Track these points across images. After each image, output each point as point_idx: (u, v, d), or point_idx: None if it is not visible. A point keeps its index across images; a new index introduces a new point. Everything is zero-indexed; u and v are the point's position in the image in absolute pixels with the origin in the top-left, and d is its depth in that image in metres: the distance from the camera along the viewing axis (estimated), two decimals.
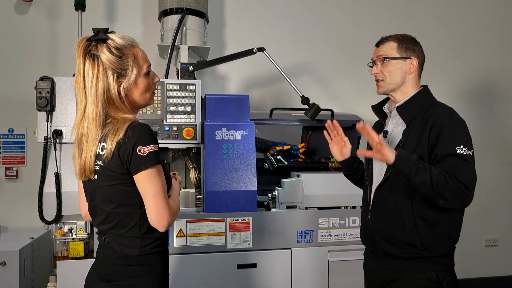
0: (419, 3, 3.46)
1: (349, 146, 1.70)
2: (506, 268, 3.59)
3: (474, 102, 3.49)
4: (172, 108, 2.10)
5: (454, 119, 1.45)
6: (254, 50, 2.27)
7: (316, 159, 2.81)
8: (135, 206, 1.20)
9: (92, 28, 1.21)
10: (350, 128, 2.62)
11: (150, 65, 1.29)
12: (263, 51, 2.28)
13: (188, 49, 2.59)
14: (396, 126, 1.59)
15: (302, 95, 2.30)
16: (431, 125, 1.45)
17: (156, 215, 1.16)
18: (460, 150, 1.38)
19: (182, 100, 2.11)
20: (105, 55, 1.17)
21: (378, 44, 1.62)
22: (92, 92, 1.17)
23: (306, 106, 2.36)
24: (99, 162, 1.20)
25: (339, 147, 1.70)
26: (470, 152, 1.40)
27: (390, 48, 1.57)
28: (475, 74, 3.56)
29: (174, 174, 1.47)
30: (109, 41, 1.19)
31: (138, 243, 1.22)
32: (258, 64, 3.04)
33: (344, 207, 2.31)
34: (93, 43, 1.18)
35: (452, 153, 1.38)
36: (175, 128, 2.09)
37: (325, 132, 1.73)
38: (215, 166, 2.02)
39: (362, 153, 1.43)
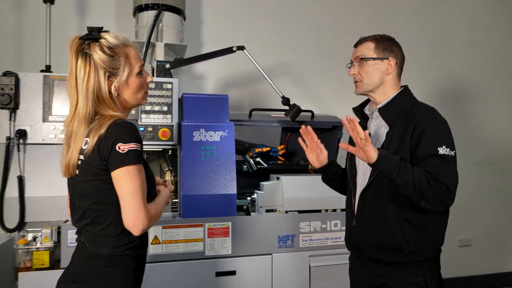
0: (398, 4, 3.47)
1: (325, 152, 1.66)
2: (479, 267, 3.65)
3: (447, 104, 3.54)
4: (148, 108, 1.99)
5: (435, 119, 1.43)
6: (233, 49, 2.19)
7: (296, 161, 2.76)
8: (111, 205, 1.16)
9: (87, 27, 1.22)
10: (330, 130, 2.59)
11: (143, 64, 1.29)
12: (243, 50, 2.21)
13: (164, 46, 2.48)
14: (378, 128, 1.56)
15: (283, 96, 2.24)
16: (413, 126, 1.42)
17: (130, 216, 1.11)
18: (442, 150, 1.36)
19: (158, 99, 2.01)
20: (97, 54, 1.17)
21: (356, 45, 1.59)
22: (83, 90, 1.17)
23: (285, 107, 2.30)
24: (81, 157, 1.18)
25: (315, 154, 1.65)
26: (452, 153, 1.38)
27: (368, 49, 1.54)
28: (450, 76, 3.61)
29: (165, 181, 1.42)
30: (102, 40, 1.19)
31: (111, 243, 1.17)
32: (237, 64, 2.97)
33: (325, 210, 2.27)
34: (86, 41, 1.19)
35: (434, 154, 1.36)
36: (150, 129, 1.98)
37: (300, 139, 1.69)
38: (193, 169, 1.92)
39: (344, 146, 1.39)
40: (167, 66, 2.13)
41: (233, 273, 1.96)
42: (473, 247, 3.65)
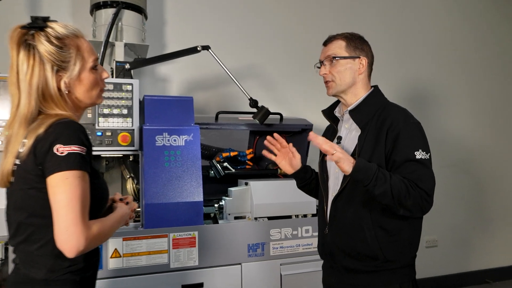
0: (364, 8, 3.48)
1: (298, 156, 1.60)
2: (446, 268, 3.70)
3: (412, 107, 3.55)
4: (106, 111, 1.85)
5: (409, 121, 1.38)
6: (198, 48, 2.09)
7: (265, 166, 2.68)
8: (49, 218, 0.96)
9: (30, 16, 1.06)
10: (299, 133, 2.53)
11: (97, 58, 1.14)
12: (208, 50, 2.11)
13: (124, 46, 2.34)
14: (349, 131, 1.50)
15: (250, 98, 2.16)
16: (386, 128, 1.37)
17: (63, 232, 0.92)
18: (419, 154, 1.32)
19: (117, 101, 1.87)
20: (43, 46, 1.02)
21: (325, 43, 1.53)
22: (26, 87, 1.02)
23: (253, 110, 2.22)
24: (17, 161, 1.02)
25: (288, 160, 1.58)
26: (428, 156, 1.35)
27: (339, 47, 1.48)
28: (414, 79, 3.66)
29: (125, 198, 1.25)
30: (48, 30, 1.04)
31: (49, 265, 1.00)
32: (202, 66, 2.87)
33: (296, 216, 2.20)
34: (30, 31, 1.03)
35: (411, 159, 1.31)
36: (108, 133, 1.84)
37: (265, 152, 1.59)
38: (156, 176, 1.80)
39: (312, 137, 1.27)
40: (127, 66, 2.00)
41: (200, 285, 1.84)
42: (439, 248, 3.70)
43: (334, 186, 1.48)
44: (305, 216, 2.20)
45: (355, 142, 1.42)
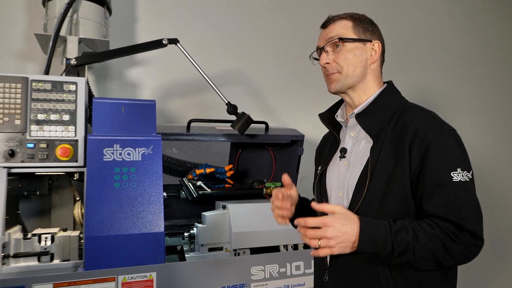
0: (364, 8, 3.14)
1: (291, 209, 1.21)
2: None
3: None
4: (40, 116, 1.46)
5: (442, 129, 1.01)
6: (164, 41, 1.71)
7: (248, 184, 2.29)
8: None
9: None
10: (288, 145, 2.15)
11: None
12: (175, 44, 1.73)
13: (80, 42, 1.96)
14: (357, 141, 1.13)
15: (228, 102, 1.78)
16: (410, 139, 1.00)
17: None
18: (458, 175, 0.96)
19: (55, 104, 1.48)
20: None
21: (325, 25, 1.16)
22: None
23: (233, 118, 1.84)
24: None
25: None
26: (470, 175, 0.97)
27: (344, 28, 1.12)
28: (418, 85, 3.33)
29: None
30: None
31: None
32: (178, 70, 2.49)
33: (284, 246, 1.80)
34: None
35: (447, 182, 0.96)
36: (43, 145, 1.44)
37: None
38: (102, 199, 1.39)
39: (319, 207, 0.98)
40: (73, 62, 1.61)
41: None
42: None
43: None
44: (295, 247, 1.80)
45: (366, 155, 1.05)
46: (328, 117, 1.24)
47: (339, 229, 0.92)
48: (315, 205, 1.00)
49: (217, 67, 2.64)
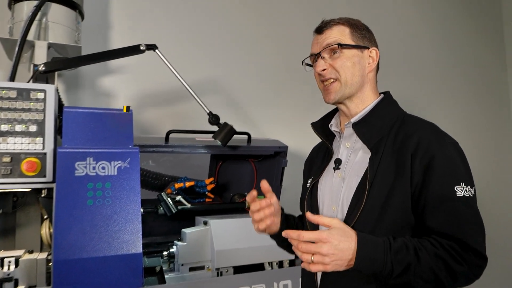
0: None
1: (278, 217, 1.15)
2: None
3: None
4: (4, 127, 1.32)
5: (445, 141, 0.97)
6: (141, 47, 1.61)
7: (228, 198, 2.20)
8: None
9: None
10: (271, 156, 2.07)
11: None
12: (154, 50, 1.64)
13: (49, 47, 1.84)
14: (352, 152, 1.07)
15: (210, 112, 1.69)
16: (412, 150, 0.95)
17: None
18: (461, 190, 0.91)
19: (21, 114, 1.34)
20: None
21: (320, 30, 1.10)
22: None
23: (214, 128, 1.75)
24: None
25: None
26: (473, 190, 0.93)
27: (341, 34, 1.07)
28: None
29: None
30: None
31: None
32: (155, 78, 2.39)
33: (269, 263, 1.72)
34: None
35: (451, 197, 0.91)
36: (7, 159, 1.30)
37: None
38: (73, 218, 1.27)
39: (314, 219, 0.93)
40: (41, 68, 1.48)
41: None
42: None
43: None
44: (281, 264, 1.72)
45: (364, 166, 1.00)
46: (321, 126, 1.18)
47: (335, 246, 0.86)
48: (310, 215, 0.93)
49: (194, 76, 2.55)
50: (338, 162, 1.08)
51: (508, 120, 3.84)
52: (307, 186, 1.21)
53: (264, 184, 1.10)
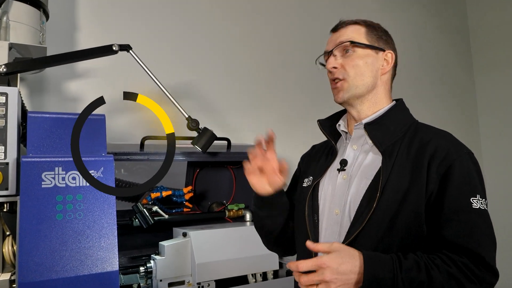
0: (331, 24, 3.12)
1: (285, 167, 1.09)
2: None
3: None
4: None
5: (463, 151, 0.95)
6: (114, 48, 1.51)
7: (206, 207, 2.11)
8: None
9: None
10: None
11: None
12: (128, 51, 1.54)
13: (10, 48, 1.69)
14: (360, 154, 1.03)
15: (189, 117, 1.61)
16: (429, 155, 0.92)
17: None
18: (477, 202, 0.89)
19: None
20: None
21: (336, 28, 1.08)
22: None
23: (192, 134, 1.67)
24: None
25: (268, 171, 1.08)
26: (486, 204, 0.91)
27: (357, 32, 1.04)
28: None
29: None
30: None
31: None
32: (126, 82, 2.27)
33: (252, 275, 1.64)
34: None
35: (467, 209, 0.88)
36: None
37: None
38: (40, 235, 1.14)
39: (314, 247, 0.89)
40: (2, 69, 1.35)
41: None
42: None
43: (331, 236, 0.98)
44: (264, 276, 1.64)
45: (373, 169, 0.96)
46: (329, 125, 1.14)
47: (337, 270, 0.81)
48: (310, 244, 0.87)
49: (168, 80, 2.42)
50: (344, 163, 1.04)
51: (475, 124, 3.95)
52: (304, 185, 1.15)
53: (270, 133, 1.06)
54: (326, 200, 1.05)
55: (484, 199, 0.91)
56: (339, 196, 1.02)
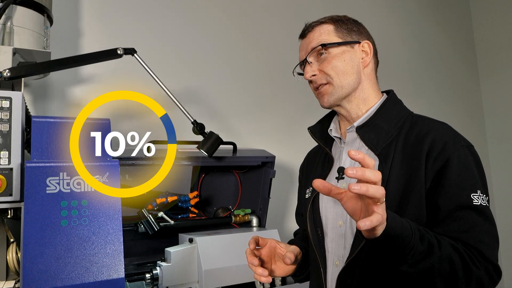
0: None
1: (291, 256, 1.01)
2: None
3: None
4: None
5: (460, 143, 0.90)
6: (119, 51, 1.49)
7: (212, 212, 2.08)
8: None
9: None
10: (258, 167, 1.97)
11: None
12: (132, 54, 1.52)
13: (14, 53, 1.68)
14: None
15: (194, 121, 1.58)
16: (426, 151, 0.89)
17: None
18: (478, 198, 0.85)
19: None
20: None
21: (303, 34, 1.04)
22: None
23: (198, 138, 1.65)
24: None
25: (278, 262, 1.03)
26: (487, 200, 0.87)
27: (326, 33, 1.00)
28: None
29: None
30: None
31: None
32: (130, 87, 2.25)
33: (260, 282, 1.60)
34: None
35: (467, 205, 0.84)
36: None
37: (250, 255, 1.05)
38: (45, 241, 1.12)
39: (319, 184, 0.76)
40: (6, 73, 1.33)
41: None
42: None
43: (337, 249, 0.93)
44: (273, 283, 1.61)
45: None
46: (319, 130, 1.10)
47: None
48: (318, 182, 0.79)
49: (173, 85, 2.42)
50: (341, 171, 1.00)
51: (481, 128, 3.91)
52: (306, 196, 1.12)
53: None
54: (328, 212, 1.02)
55: (485, 195, 0.86)
56: (341, 207, 0.98)
